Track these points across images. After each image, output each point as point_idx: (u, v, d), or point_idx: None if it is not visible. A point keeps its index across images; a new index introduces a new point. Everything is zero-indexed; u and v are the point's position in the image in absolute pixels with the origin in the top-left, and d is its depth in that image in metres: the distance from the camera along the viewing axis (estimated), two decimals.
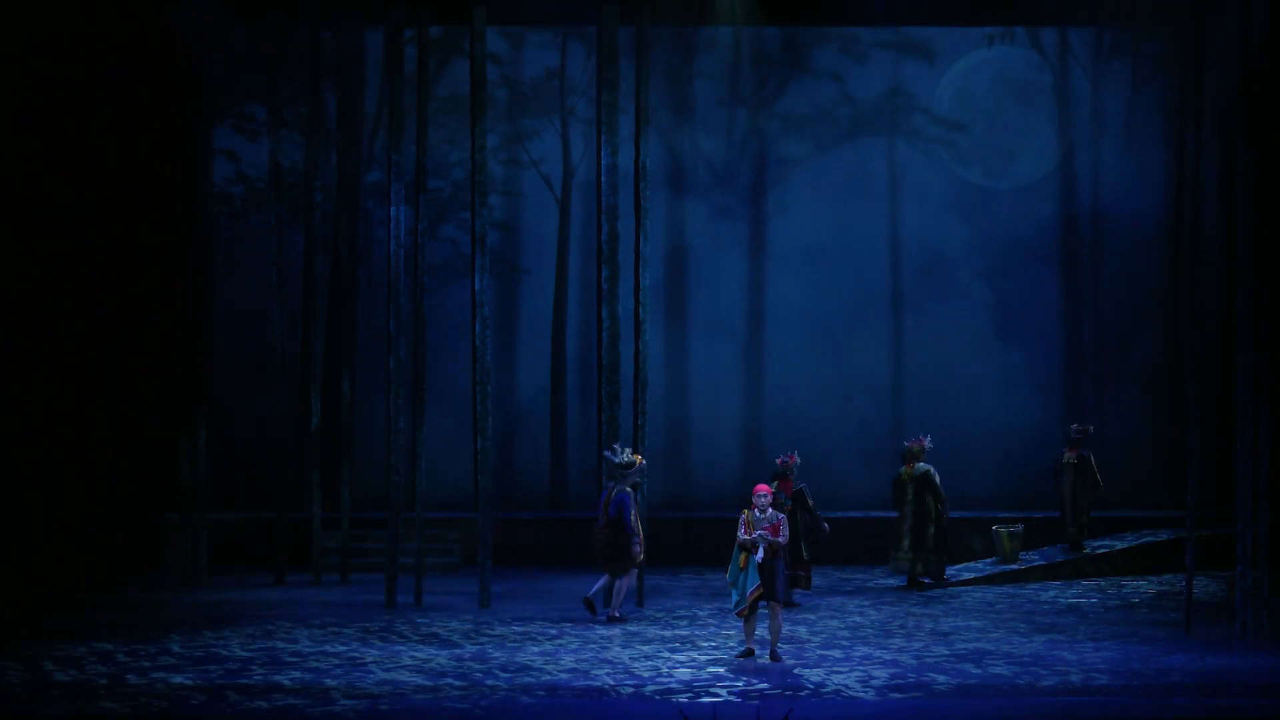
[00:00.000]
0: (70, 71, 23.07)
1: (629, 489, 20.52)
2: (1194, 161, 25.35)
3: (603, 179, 21.93)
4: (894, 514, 23.28)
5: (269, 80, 24.55)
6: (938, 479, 22.85)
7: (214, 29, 26.89)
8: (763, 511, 17.50)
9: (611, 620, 20.19)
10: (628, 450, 20.73)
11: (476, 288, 21.55)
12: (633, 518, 20.39)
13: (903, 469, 23.03)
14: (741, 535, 17.49)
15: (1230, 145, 25.36)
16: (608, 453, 20.82)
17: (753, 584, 17.43)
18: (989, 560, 24.49)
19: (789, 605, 19.79)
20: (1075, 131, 28.08)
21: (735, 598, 17.62)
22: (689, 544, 25.53)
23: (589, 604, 20.51)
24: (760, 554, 17.38)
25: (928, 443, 23.04)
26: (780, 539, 17.45)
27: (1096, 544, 24.65)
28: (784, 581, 17.63)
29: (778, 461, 21.92)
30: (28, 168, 22.26)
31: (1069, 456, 24.23)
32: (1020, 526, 24.33)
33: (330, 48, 25.89)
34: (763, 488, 17.68)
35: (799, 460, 21.97)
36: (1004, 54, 27.98)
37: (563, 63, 28.07)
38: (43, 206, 22.56)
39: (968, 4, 27.00)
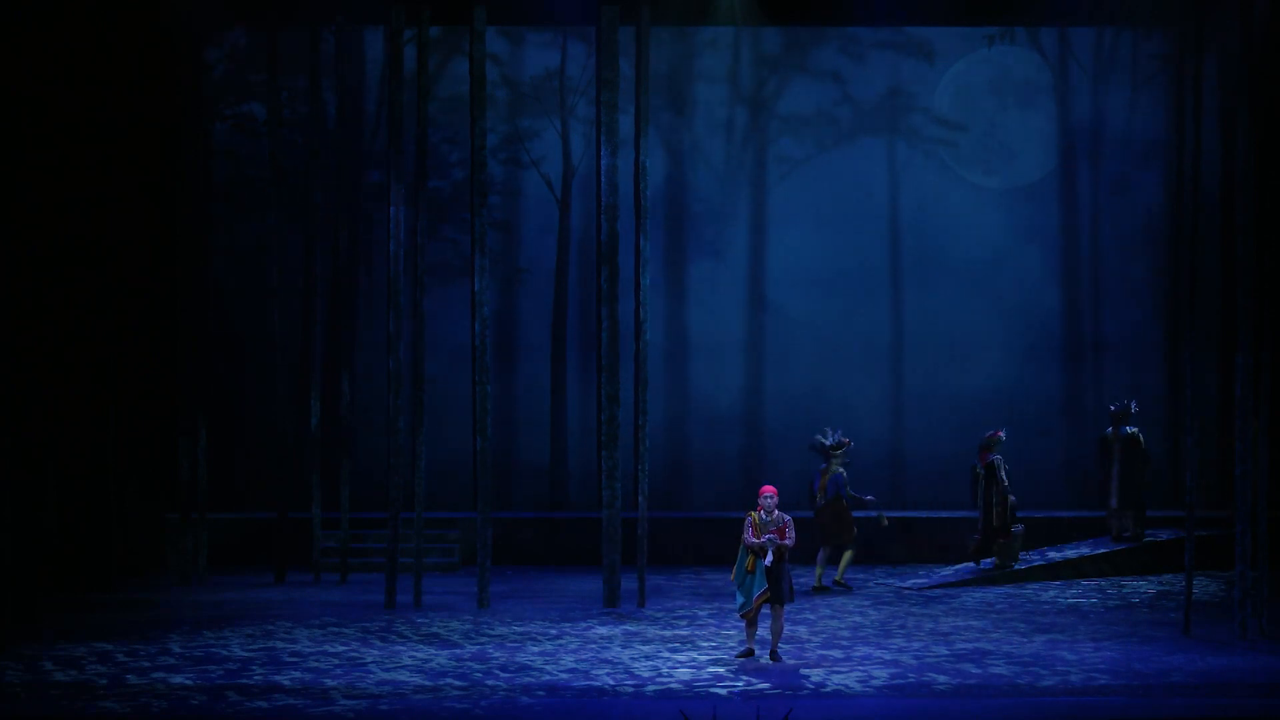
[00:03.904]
0: (70, 71, 23.06)
1: (841, 469, 22.75)
2: (1194, 163, 25.36)
3: (603, 179, 21.93)
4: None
5: (269, 80, 24.57)
6: (1143, 439, 24.25)
7: (214, 29, 26.92)
8: (769, 514, 17.44)
9: (837, 585, 22.58)
10: (839, 432, 22.93)
11: (476, 288, 21.56)
12: (847, 491, 22.72)
13: (1109, 430, 24.36)
14: (749, 538, 17.40)
15: (1230, 145, 25.37)
16: (819, 436, 22.94)
17: (759, 588, 17.38)
18: (989, 560, 24.47)
19: (1003, 572, 23.33)
20: (1075, 131, 28.08)
21: (740, 600, 17.55)
22: (689, 544, 25.54)
23: (826, 587, 22.60)
24: (769, 558, 17.35)
25: (1133, 406, 24.38)
26: (787, 541, 17.40)
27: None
28: (789, 583, 17.58)
29: (985, 435, 23.46)
30: (27, 168, 22.25)
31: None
32: (1020, 527, 24.30)
33: (330, 48, 25.90)
34: (769, 489, 17.61)
35: (1004, 436, 23.44)
36: (1004, 54, 27.97)
37: (563, 63, 28.07)
38: (42, 207, 22.55)
39: (968, 4, 27.04)
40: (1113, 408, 24.61)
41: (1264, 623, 18.80)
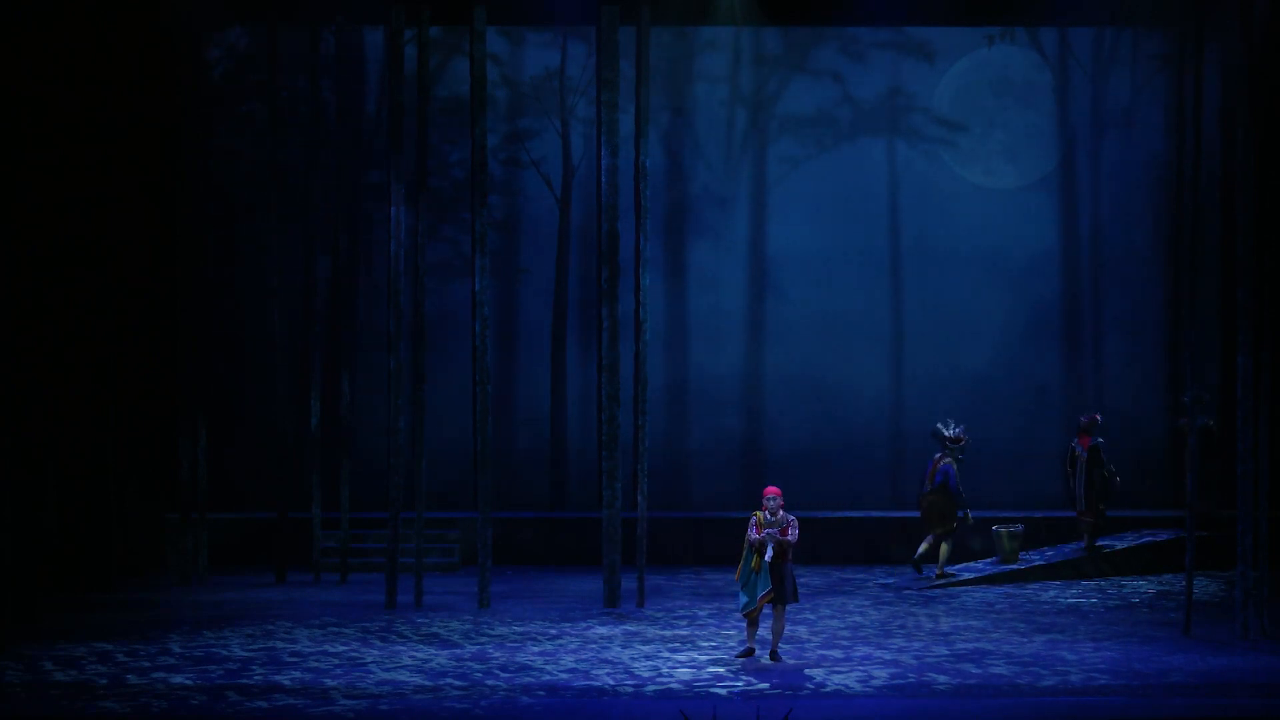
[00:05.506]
0: (70, 71, 23.06)
1: (952, 460, 23.14)
2: (1194, 162, 25.36)
3: (603, 179, 21.93)
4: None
5: (269, 80, 24.57)
6: (1216, 430, 25.27)
7: (214, 28, 26.91)
8: (773, 514, 17.44)
9: (940, 576, 22.99)
10: (960, 426, 23.41)
11: (476, 288, 21.56)
12: (956, 484, 23.02)
13: (1183, 420, 24.84)
14: (752, 535, 17.43)
15: (1231, 145, 25.36)
16: (939, 425, 23.48)
17: (764, 588, 17.38)
18: (989, 560, 24.49)
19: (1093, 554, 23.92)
20: (1075, 132, 28.07)
21: (744, 599, 17.54)
22: (689, 544, 25.54)
23: (916, 565, 23.29)
24: (769, 553, 17.35)
25: (1206, 395, 25.03)
26: (790, 539, 17.40)
27: (1098, 543, 24.72)
28: (793, 583, 17.58)
29: (1081, 420, 24.05)
30: (27, 168, 22.25)
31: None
32: (1020, 526, 24.34)
33: (330, 48, 25.89)
34: (773, 490, 17.60)
35: (1101, 420, 24.02)
36: (1004, 54, 27.95)
37: (563, 63, 28.06)
38: (42, 207, 22.55)
39: (968, 4, 27.03)
40: (1186, 399, 24.71)
41: (1265, 623, 18.80)
